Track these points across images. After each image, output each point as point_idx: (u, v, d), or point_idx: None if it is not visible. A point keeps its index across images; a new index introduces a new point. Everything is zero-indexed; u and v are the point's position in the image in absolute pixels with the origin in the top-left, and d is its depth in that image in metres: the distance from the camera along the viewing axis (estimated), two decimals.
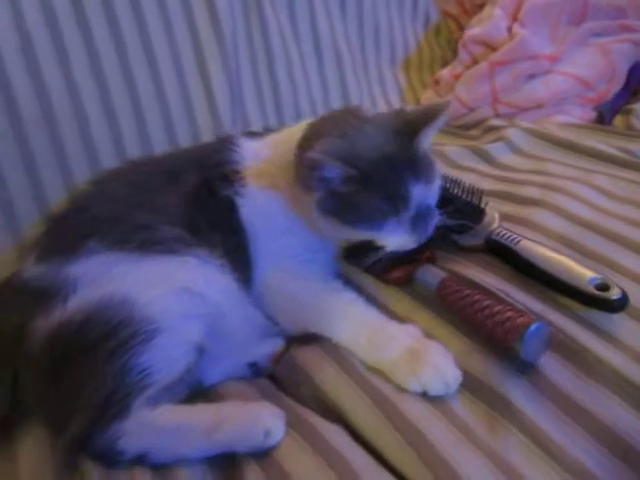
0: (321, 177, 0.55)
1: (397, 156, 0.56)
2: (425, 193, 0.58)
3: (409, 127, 0.57)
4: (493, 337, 0.51)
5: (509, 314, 0.50)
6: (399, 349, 0.53)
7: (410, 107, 0.94)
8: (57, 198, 0.72)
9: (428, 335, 0.55)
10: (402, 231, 0.58)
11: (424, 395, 0.50)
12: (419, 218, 0.58)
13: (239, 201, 0.61)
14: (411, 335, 0.55)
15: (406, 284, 0.61)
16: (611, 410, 0.47)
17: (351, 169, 0.54)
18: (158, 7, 0.78)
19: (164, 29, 0.79)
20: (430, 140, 0.60)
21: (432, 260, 0.63)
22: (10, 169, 0.69)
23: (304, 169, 0.56)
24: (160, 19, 0.79)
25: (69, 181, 0.73)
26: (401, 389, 0.51)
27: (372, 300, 0.60)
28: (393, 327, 0.56)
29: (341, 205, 0.57)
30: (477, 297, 0.53)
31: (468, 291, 0.54)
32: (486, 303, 0.52)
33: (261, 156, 0.64)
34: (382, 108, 1.08)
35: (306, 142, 0.60)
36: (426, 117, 0.57)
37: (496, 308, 0.50)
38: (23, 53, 0.69)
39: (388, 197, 0.56)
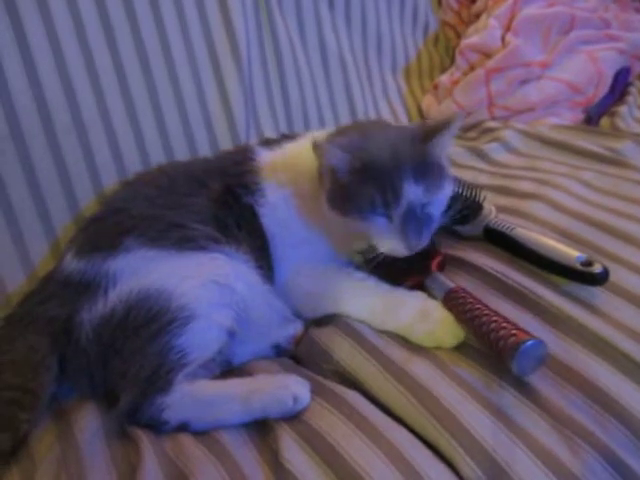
0: (330, 166, 0.59)
1: (403, 155, 0.59)
2: (422, 198, 0.58)
3: (425, 134, 0.60)
4: (492, 351, 0.53)
5: (502, 332, 0.51)
6: (411, 312, 0.58)
7: (431, 121, 0.93)
8: (87, 201, 0.76)
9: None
10: (392, 231, 0.58)
11: (433, 354, 0.55)
12: (413, 222, 0.57)
13: (260, 210, 0.65)
14: (418, 298, 0.60)
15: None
16: (593, 368, 0.51)
17: (355, 160, 0.58)
18: (179, 28, 0.83)
19: (184, 45, 0.84)
20: (447, 150, 0.62)
21: (442, 266, 0.64)
22: (44, 174, 0.72)
23: (316, 155, 0.59)
24: (181, 37, 0.83)
25: (98, 186, 0.77)
26: (408, 356, 0.56)
27: None
28: (402, 294, 0.61)
29: (343, 196, 0.59)
30: (477, 312, 0.54)
31: (470, 305, 0.56)
32: (485, 319, 0.53)
33: (279, 167, 0.66)
34: (385, 112, 1.12)
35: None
36: (440, 125, 0.60)
37: (492, 325, 0.52)
38: (57, 71, 0.73)
39: (381, 187, 0.57)
